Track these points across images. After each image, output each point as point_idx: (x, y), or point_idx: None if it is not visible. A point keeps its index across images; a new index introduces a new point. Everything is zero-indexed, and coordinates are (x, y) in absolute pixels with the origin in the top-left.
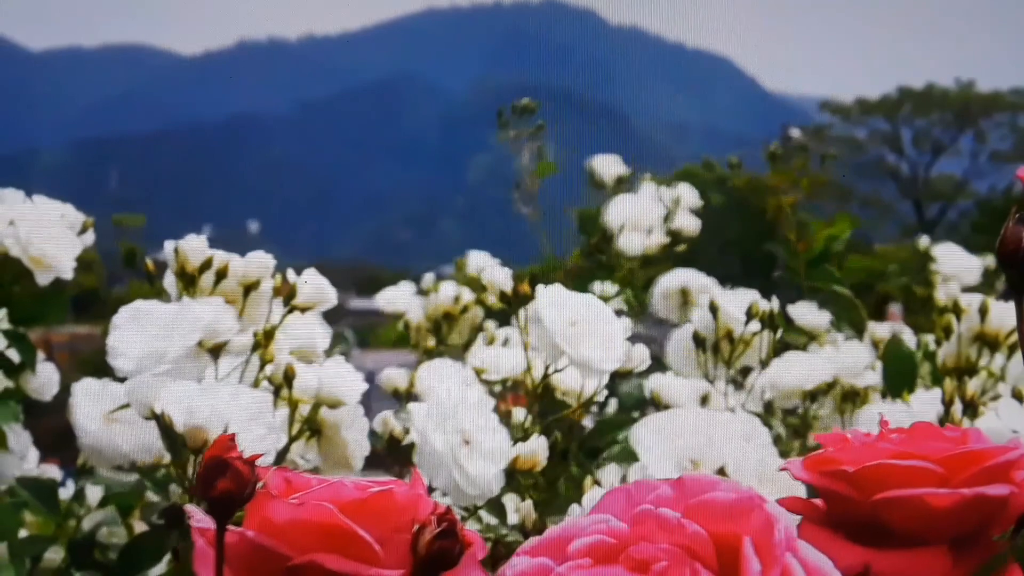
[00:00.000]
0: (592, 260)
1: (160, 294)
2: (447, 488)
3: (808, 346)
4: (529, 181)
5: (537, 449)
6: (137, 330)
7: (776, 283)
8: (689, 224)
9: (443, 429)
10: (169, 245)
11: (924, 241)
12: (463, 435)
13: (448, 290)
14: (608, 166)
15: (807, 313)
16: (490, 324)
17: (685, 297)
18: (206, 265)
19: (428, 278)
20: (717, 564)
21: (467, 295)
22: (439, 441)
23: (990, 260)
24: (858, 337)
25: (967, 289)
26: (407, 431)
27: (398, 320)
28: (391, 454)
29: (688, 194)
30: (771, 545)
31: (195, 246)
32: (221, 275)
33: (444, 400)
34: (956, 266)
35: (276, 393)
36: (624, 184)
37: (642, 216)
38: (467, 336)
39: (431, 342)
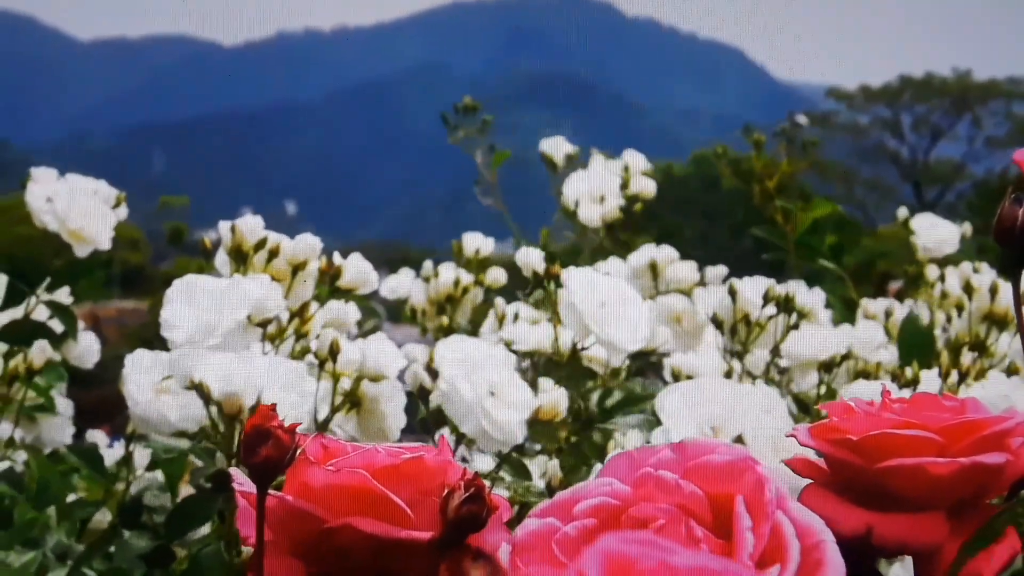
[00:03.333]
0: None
1: (204, 270)
2: (475, 433)
3: (802, 324)
4: (487, 174)
5: (559, 399)
6: (189, 304)
7: (779, 264)
8: (646, 187)
9: (471, 380)
10: (224, 225)
11: (903, 212)
12: (490, 387)
13: (447, 274)
14: (557, 146)
15: (798, 292)
16: (499, 301)
17: (654, 270)
18: (261, 244)
19: (427, 265)
20: (712, 521)
21: (465, 277)
22: (467, 390)
23: (967, 228)
24: (851, 312)
25: (947, 259)
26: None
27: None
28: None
29: (636, 160)
30: (762, 503)
31: (251, 226)
32: (273, 254)
33: (471, 355)
34: (934, 236)
35: (320, 366)
36: (575, 161)
37: (593, 187)
38: (470, 315)
39: (442, 321)
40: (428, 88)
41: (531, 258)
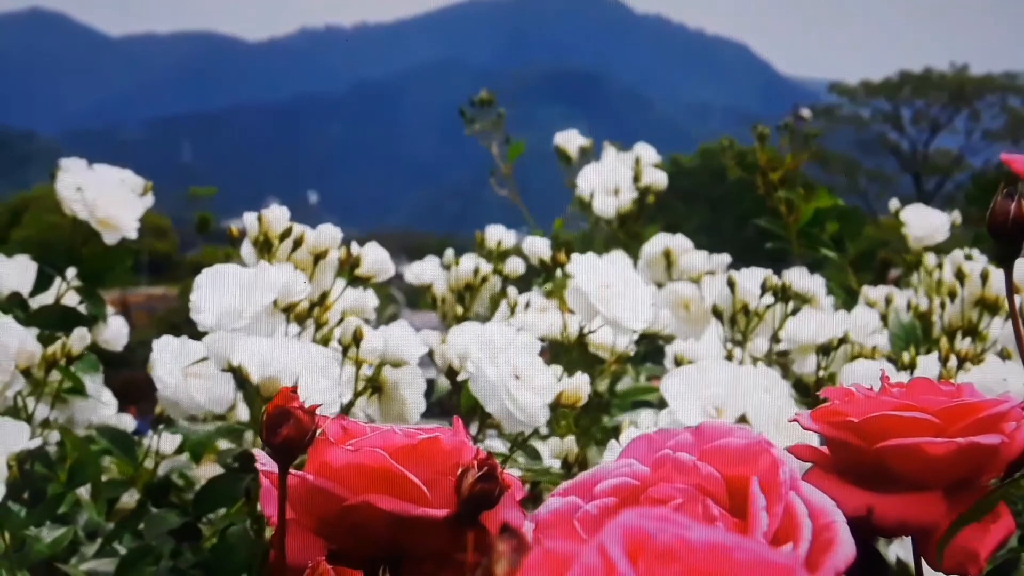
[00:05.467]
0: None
1: (231, 258)
2: (499, 414)
3: (802, 309)
4: (503, 166)
5: (581, 385)
6: (218, 289)
7: (781, 253)
8: (657, 179)
9: (495, 362)
10: (250, 216)
11: (894, 204)
12: (514, 370)
13: (468, 263)
14: (570, 140)
15: (799, 278)
16: (512, 291)
17: (668, 259)
18: (286, 233)
19: (448, 253)
20: (728, 502)
21: (485, 267)
22: (492, 372)
23: (956, 216)
24: (852, 299)
25: (939, 247)
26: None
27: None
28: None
29: (647, 152)
30: (776, 484)
31: (277, 216)
32: (298, 243)
33: (496, 338)
34: (925, 226)
35: (344, 353)
36: (588, 153)
37: (607, 179)
38: (488, 303)
39: (458, 310)
40: (444, 82)
41: (537, 247)
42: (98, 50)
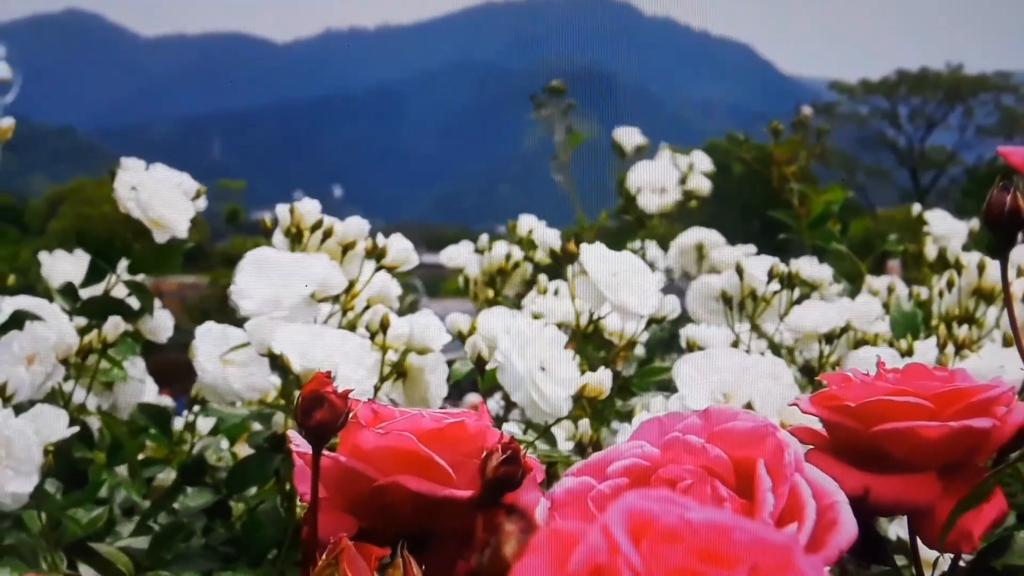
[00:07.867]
0: (619, 220)
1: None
2: (525, 403)
3: (811, 295)
4: (562, 152)
5: (604, 379)
6: (259, 276)
7: (784, 243)
8: (702, 185)
9: (523, 354)
10: (282, 208)
11: (917, 208)
12: (540, 362)
13: (501, 249)
14: (629, 137)
15: (810, 267)
16: (542, 277)
17: (700, 251)
18: (317, 225)
19: (483, 239)
20: (735, 483)
21: (517, 253)
22: (520, 364)
23: (975, 223)
24: (856, 288)
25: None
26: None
27: (459, 274)
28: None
29: (701, 160)
30: (781, 466)
31: (309, 208)
32: (328, 235)
33: (524, 331)
34: (945, 230)
35: (371, 339)
36: (643, 152)
37: (656, 179)
38: (518, 288)
39: (489, 293)
40: (459, 82)
41: (547, 237)
42: (130, 49)
